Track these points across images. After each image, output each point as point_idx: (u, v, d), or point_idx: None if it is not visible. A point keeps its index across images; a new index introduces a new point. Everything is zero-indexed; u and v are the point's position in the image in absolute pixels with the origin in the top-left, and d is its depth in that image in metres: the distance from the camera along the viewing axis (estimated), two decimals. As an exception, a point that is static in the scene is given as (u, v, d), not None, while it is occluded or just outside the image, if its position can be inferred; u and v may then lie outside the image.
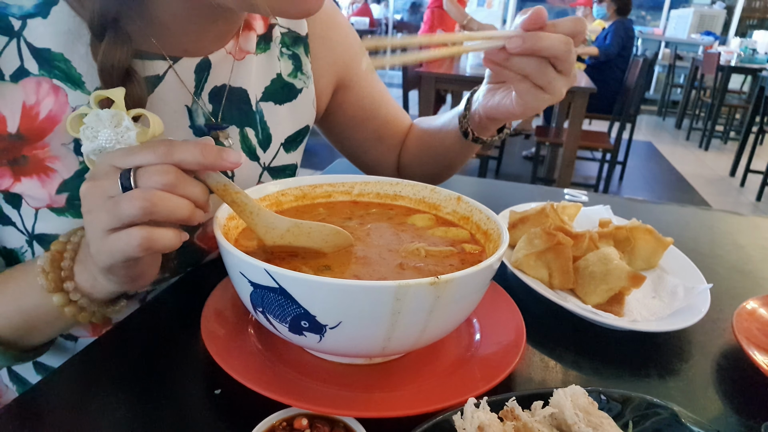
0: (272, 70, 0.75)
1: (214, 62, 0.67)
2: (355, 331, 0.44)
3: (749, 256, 0.91)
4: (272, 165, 0.76)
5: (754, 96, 5.04)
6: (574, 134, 3.21)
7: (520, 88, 0.63)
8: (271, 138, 0.75)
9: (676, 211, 1.11)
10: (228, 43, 0.69)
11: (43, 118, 0.55)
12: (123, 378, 0.52)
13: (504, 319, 0.59)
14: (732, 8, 8.97)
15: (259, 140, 0.74)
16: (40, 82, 0.55)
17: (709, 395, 0.56)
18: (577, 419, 0.40)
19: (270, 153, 0.75)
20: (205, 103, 0.67)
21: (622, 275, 0.66)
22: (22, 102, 0.54)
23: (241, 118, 0.71)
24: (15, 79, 0.54)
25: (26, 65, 0.54)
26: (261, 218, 0.51)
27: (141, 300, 0.69)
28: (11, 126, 0.54)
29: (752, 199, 4.52)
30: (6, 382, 0.73)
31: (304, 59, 0.78)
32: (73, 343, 0.69)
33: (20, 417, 0.46)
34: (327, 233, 0.53)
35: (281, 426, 0.44)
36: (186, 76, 0.65)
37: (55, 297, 0.52)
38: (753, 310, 0.65)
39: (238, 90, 0.70)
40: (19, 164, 0.56)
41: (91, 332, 0.68)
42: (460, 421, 0.39)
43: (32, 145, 0.56)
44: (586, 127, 4.11)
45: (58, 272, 0.52)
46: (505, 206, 0.88)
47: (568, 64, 0.60)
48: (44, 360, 0.71)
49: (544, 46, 0.58)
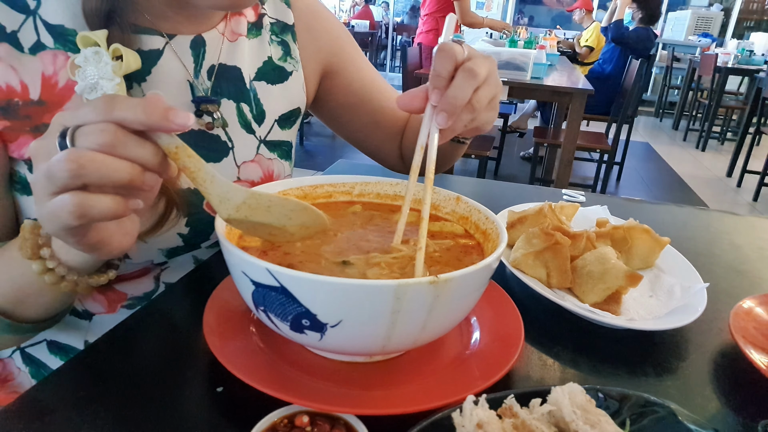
0: (264, 53, 0.78)
1: (208, 40, 0.71)
2: (355, 329, 0.44)
3: (746, 256, 0.91)
4: (268, 139, 0.78)
5: (751, 97, 5.06)
6: (572, 135, 3.22)
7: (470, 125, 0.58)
8: (265, 114, 0.78)
9: (673, 211, 1.12)
10: (219, 25, 0.72)
11: (62, 87, 0.60)
12: (125, 376, 0.52)
13: (502, 318, 0.60)
14: (729, 10, 8.99)
15: (254, 115, 0.76)
16: (56, 54, 0.59)
17: (706, 393, 0.56)
18: (574, 417, 0.40)
19: (265, 128, 0.78)
20: (204, 79, 0.70)
21: (619, 274, 0.66)
22: (41, 72, 0.59)
23: (237, 94, 0.74)
24: (33, 52, 0.59)
25: (42, 40, 0.59)
26: (215, 187, 0.46)
27: (155, 278, 0.70)
28: (33, 93, 0.59)
29: (749, 199, 4.54)
30: (18, 364, 0.74)
31: (292, 45, 0.81)
32: (88, 322, 0.70)
33: (20, 417, 0.46)
34: (290, 208, 0.49)
35: (282, 423, 0.44)
36: (183, 53, 0.68)
37: (34, 264, 0.51)
38: (749, 309, 0.65)
39: (232, 68, 0.73)
40: (40, 131, 0.59)
41: (106, 308, 0.69)
42: (459, 418, 0.40)
43: (53, 112, 0.59)
44: (583, 128, 4.12)
45: (36, 239, 0.51)
46: (503, 206, 0.88)
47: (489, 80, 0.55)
48: (58, 338, 0.72)
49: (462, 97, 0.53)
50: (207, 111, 0.70)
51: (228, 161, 0.73)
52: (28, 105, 0.58)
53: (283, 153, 0.81)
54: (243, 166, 0.75)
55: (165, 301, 0.66)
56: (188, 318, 0.60)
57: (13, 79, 0.58)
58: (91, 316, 0.70)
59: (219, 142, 0.72)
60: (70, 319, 0.71)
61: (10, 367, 0.75)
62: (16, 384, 0.74)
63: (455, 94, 0.52)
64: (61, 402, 0.49)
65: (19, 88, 0.58)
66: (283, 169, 0.81)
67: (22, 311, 0.57)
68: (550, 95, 3.29)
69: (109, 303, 0.71)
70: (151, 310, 0.64)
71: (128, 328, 0.60)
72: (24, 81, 0.58)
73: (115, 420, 0.47)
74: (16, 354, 0.74)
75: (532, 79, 3.23)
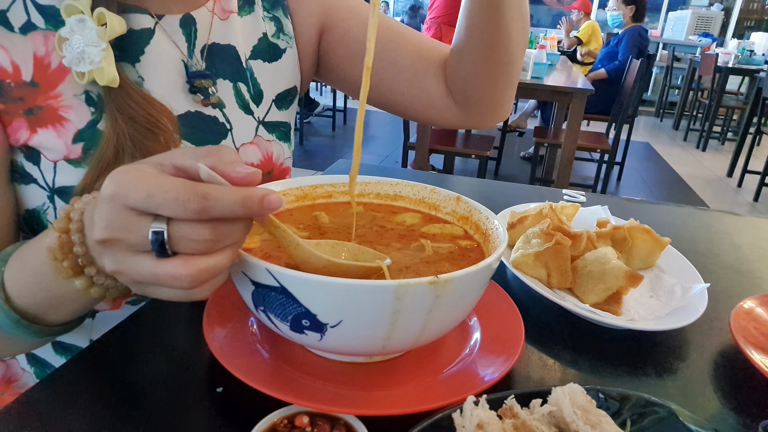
0: (258, 30, 0.76)
1: (198, 19, 0.69)
2: (355, 329, 0.44)
3: (746, 256, 0.91)
4: (266, 120, 0.77)
5: (752, 97, 5.06)
6: (572, 135, 3.22)
7: None
8: (263, 94, 0.76)
9: (674, 211, 1.12)
10: (207, 3, 0.71)
11: (54, 69, 0.59)
12: (124, 377, 0.52)
13: (503, 318, 0.59)
14: (730, 10, 9.00)
15: (252, 95, 0.75)
16: (47, 35, 0.58)
17: (706, 394, 0.56)
18: (575, 417, 0.40)
19: (263, 108, 0.77)
20: (198, 59, 0.69)
21: (619, 275, 0.66)
22: (33, 53, 0.58)
23: (233, 74, 0.73)
24: (24, 32, 0.57)
25: (33, 20, 0.58)
26: (299, 253, 0.47)
27: None
28: (25, 75, 0.58)
29: (749, 199, 4.54)
30: (23, 365, 0.74)
31: (284, 20, 0.79)
32: (91, 320, 0.70)
33: (20, 417, 0.46)
34: (363, 272, 0.49)
35: (282, 424, 0.44)
36: (174, 32, 0.67)
37: (77, 282, 0.46)
38: (750, 310, 0.65)
39: (227, 47, 0.72)
40: (34, 114, 0.58)
41: (110, 304, 0.69)
42: (459, 419, 0.40)
43: (46, 94, 0.59)
44: (584, 128, 4.12)
45: (74, 258, 0.46)
46: (504, 206, 0.88)
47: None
48: (63, 338, 0.71)
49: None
50: (201, 87, 0.68)
51: (226, 143, 0.71)
52: (21, 87, 0.57)
53: (281, 134, 0.79)
54: (242, 148, 0.73)
55: (164, 302, 0.66)
56: (188, 318, 0.60)
57: (4, 59, 0.56)
58: (94, 314, 0.70)
59: (217, 124, 0.70)
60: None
61: (15, 368, 0.74)
62: (21, 385, 0.74)
63: None
64: (60, 402, 0.49)
65: (11, 69, 0.57)
66: (282, 152, 0.79)
67: (53, 316, 0.53)
68: (550, 95, 3.29)
69: (114, 299, 0.70)
70: (150, 310, 0.64)
71: (128, 328, 0.60)
72: (15, 61, 0.57)
73: (115, 420, 0.46)
74: (21, 355, 0.73)
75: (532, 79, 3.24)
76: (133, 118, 0.60)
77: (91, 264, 0.45)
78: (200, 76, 0.69)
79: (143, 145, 0.61)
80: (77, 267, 0.45)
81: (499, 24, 0.69)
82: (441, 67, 0.81)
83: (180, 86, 0.68)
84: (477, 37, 0.72)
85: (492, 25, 0.70)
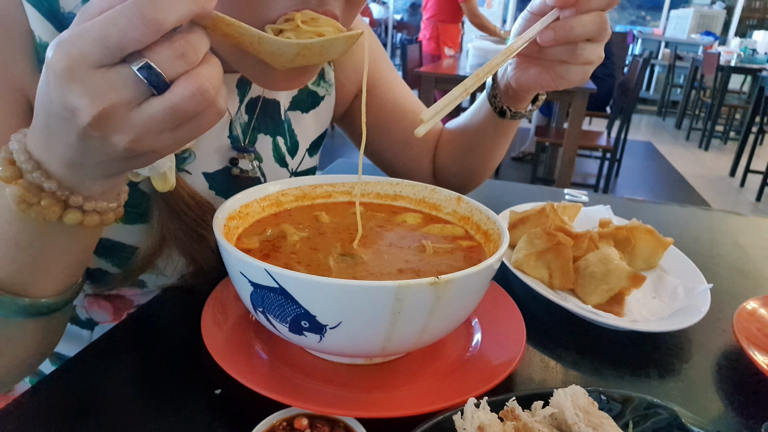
0: None
1: None
2: (355, 331, 0.44)
3: (749, 256, 0.91)
4: (299, 170, 0.79)
5: (754, 96, 5.04)
6: (574, 134, 3.21)
7: (560, 70, 0.62)
8: (299, 145, 0.77)
9: (676, 211, 1.12)
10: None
11: None
12: (123, 378, 0.52)
13: (504, 319, 0.59)
14: (732, 8, 8.98)
15: (288, 148, 0.76)
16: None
17: (709, 395, 0.56)
18: (577, 419, 0.40)
19: (297, 159, 0.78)
20: (241, 114, 0.69)
21: (622, 275, 0.66)
22: None
23: (274, 128, 0.73)
24: None
25: None
26: (264, 46, 0.43)
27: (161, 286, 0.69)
28: None
29: (752, 199, 4.53)
30: None
31: (326, 68, 0.80)
32: (90, 332, 0.69)
33: (20, 417, 0.46)
34: (339, 46, 0.48)
35: (281, 426, 0.44)
36: (230, 92, 0.67)
37: (68, 217, 0.42)
38: (753, 311, 0.65)
39: (271, 101, 0.72)
40: None
41: (112, 316, 0.68)
42: (460, 421, 0.39)
43: None
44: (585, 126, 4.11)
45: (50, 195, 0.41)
46: (505, 206, 0.88)
47: (603, 37, 0.59)
48: (60, 349, 0.71)
49: (578, 33, 0.57)
50: (239, 159, 0.68)
51: None
52: None
53: None
54: None
55: (163, 303, 0.66)
56: (186, 319, 0.59)
57: None
58: (93, 326, 0.69)
59: (251, 180, 0.70)
60: (72, 329, 0.70)
61: None
62: (15, 392, 0.74)
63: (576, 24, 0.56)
64: (57, 404, 0.48)
65: None
66: None
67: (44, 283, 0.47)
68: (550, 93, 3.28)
69: (116, 310, 0.69)
70: (148, 311, 0.63)
71: (126, 330, 0.59)
72: None
73: (113, 422, 0.46)
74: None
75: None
76: (182, 219, 0.61)
77: (74, 192, 0.41)
78: (243, 150, 0.68)
79: (185, 245, 0.61)
80: (59, 202, 0.41)
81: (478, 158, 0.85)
82: (432, 145, 0.93)
83: (223, 138, 0.67)
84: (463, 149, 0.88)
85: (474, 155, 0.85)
